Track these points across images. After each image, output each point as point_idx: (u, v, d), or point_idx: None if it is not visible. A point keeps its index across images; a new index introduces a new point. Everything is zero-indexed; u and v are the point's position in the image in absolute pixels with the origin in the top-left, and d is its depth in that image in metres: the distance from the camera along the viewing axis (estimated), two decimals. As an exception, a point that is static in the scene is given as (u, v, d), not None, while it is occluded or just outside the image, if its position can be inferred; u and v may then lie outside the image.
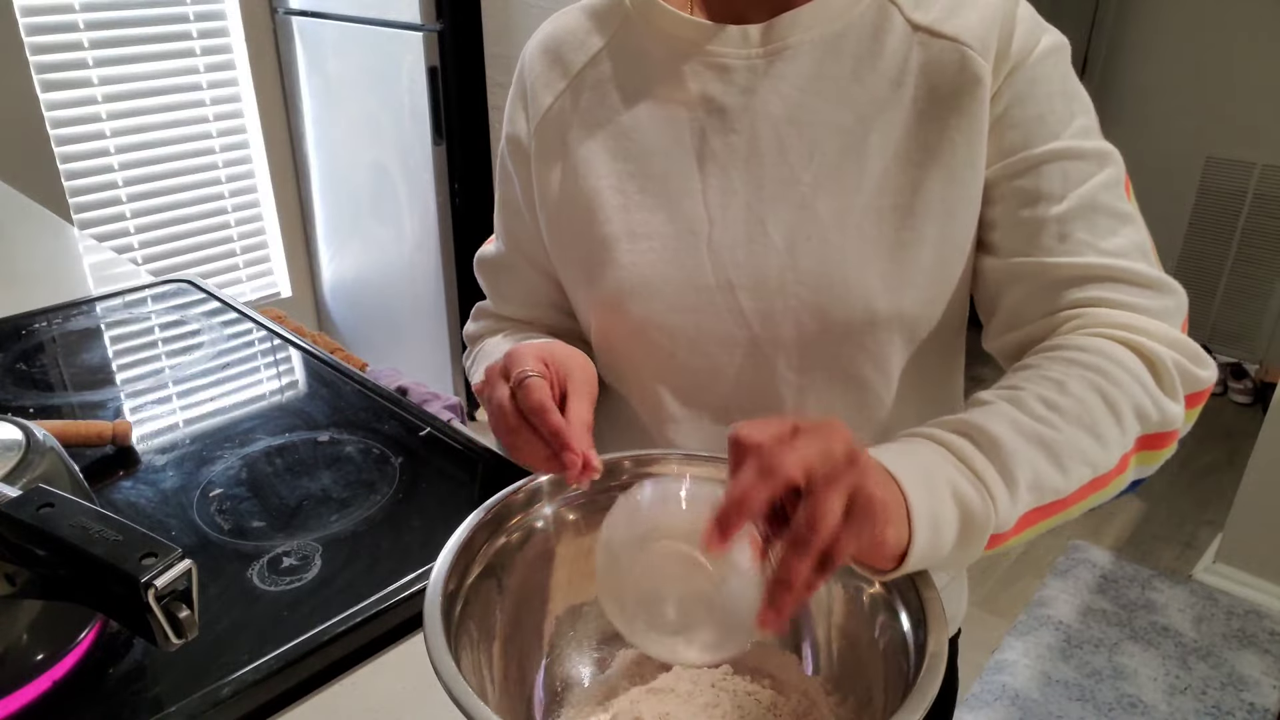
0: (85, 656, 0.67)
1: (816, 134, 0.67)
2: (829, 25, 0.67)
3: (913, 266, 0.66)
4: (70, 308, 1.26)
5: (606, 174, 0.72)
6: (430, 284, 2.55)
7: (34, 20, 2.33)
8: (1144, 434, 0.61)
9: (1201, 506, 2.55)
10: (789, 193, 0.67)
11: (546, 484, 0.63)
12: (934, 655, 0.49)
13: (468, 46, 2.26)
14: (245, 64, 2.70)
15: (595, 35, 0.74)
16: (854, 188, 0.66)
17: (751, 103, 0.68)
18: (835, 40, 0.67)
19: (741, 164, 0.69)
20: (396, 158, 2.48)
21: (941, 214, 0.66)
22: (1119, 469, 0.60)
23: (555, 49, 0.75)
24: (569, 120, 0.74)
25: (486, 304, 0.88)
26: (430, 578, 0.53)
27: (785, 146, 0.67)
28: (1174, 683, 1.94)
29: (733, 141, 0.69)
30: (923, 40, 0.66)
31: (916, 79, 0.66)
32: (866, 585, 0.58)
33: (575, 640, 0.63)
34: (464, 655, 0.51)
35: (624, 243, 0.71)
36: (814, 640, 0.62)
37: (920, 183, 0.66)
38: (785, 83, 0.68)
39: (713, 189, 0.69)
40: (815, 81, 0.67)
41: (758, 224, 0.68)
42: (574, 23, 0.76)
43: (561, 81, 0.75)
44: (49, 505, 0.52)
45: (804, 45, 0.67)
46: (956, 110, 0.65)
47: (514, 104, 0.79)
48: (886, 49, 0.67)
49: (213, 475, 0.90)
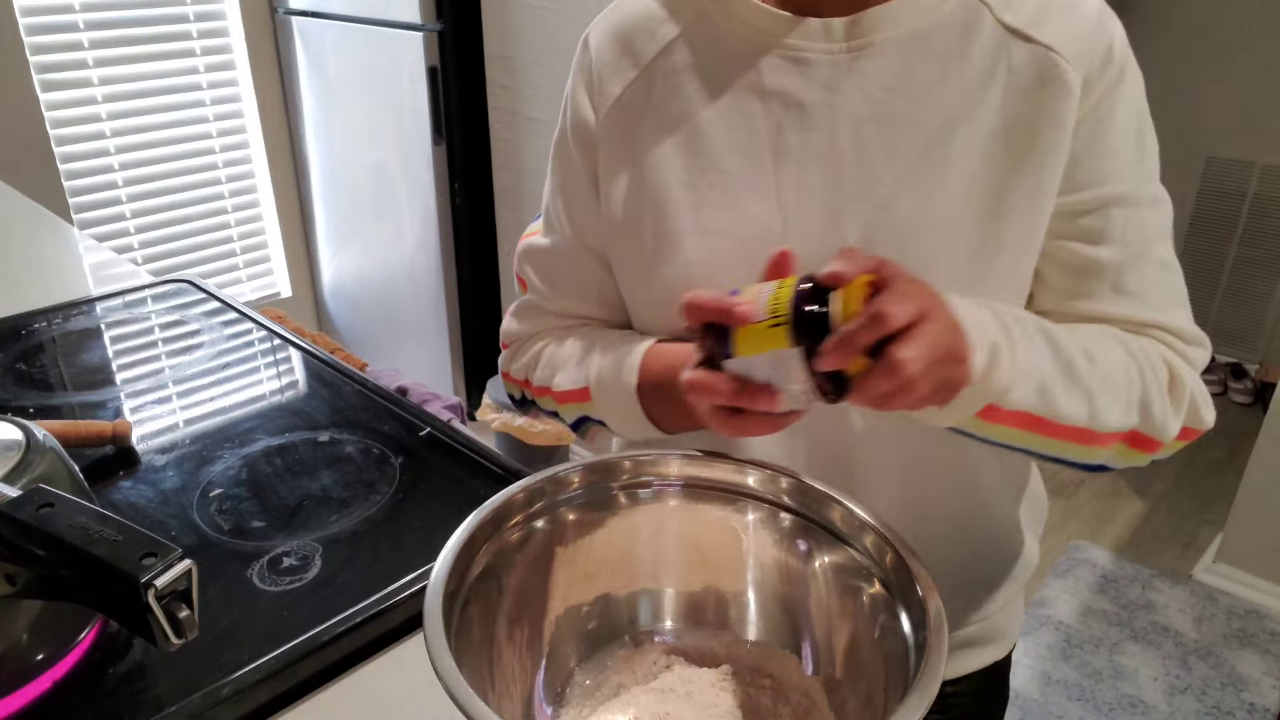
0: (85, 656, 0.66)
1: (900, 134, 0.65)
2: (916, 23, 0.65)
3: (990, 273, 0.66)
4: (70, 308, 1.26)
5: (677, 169, 0.70)
6: (430, 284, 2.55)
7: (34, 20, 2.33)
8: (1138, 429, 0.64)
9: (1202, 506, 2.55)
10: (868, 193, 0.65)
11: (547, 484, 0.63)
12: (933, 655, 0.49)
13: (468, 46, 2.26)
14: (245, 64, 2.70)
15: (669, 24, 0.71)
16: (936, 190, 0.65)
17: (833, 99, 0.66)
18: (922, 39, 0.65)
19: (819, 161, 0.66)
20: (396, 158, 2.48)
21: (1025, 226, 0.65)
22: (1105, 439, 0.63)
23: (626, 36, 0.72)
24: (640, 112, 0.71)
25: (532, 299, 0.83)
26: (430, 578, 0.53)
27: (866, 145, 0.65)
28: (1174, 683, 1.94)
29: (811, 138, 0.66)
30: (1014, 43, 0.64)
31: (1006, 82, 0.64)
32: (867, 585, 0.58)
33: (575, 640, 0.63)
34: (464, 655, 0.51)
35: (693, 238, 0.69)
36: (814, 640, 0.62)
37: (1005, 188, 0.64)
38: (870, 80, 0.65)
39: (788, 187, 0.67)
40: (901, 80, 0.65)
41: (833, 223, 0.66)
42: (646, 9, 0.73)
43: (632, 71, 0.72)
44: (49, 505, 0.52)
45: (890, 43, 0.65)
46: (1049, 120, 0.63)
47: (577, 90, 0.75)
48: (975, 50, 0.64)
49: (213, 475, 0.90)
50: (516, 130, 2.24)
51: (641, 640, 0.64)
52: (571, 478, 0.64)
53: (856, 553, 0.60)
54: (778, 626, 0.64)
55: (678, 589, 0.66)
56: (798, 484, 0.63)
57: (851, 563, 0.60)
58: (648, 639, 0.65)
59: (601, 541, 0.65)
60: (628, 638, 0.64)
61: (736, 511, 0.64)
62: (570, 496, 0.64)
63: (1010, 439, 0.63)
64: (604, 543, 0.65)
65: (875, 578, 0.58)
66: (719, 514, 0.65)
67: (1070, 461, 0.65)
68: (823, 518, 0.62)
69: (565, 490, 0.63)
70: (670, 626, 0.65)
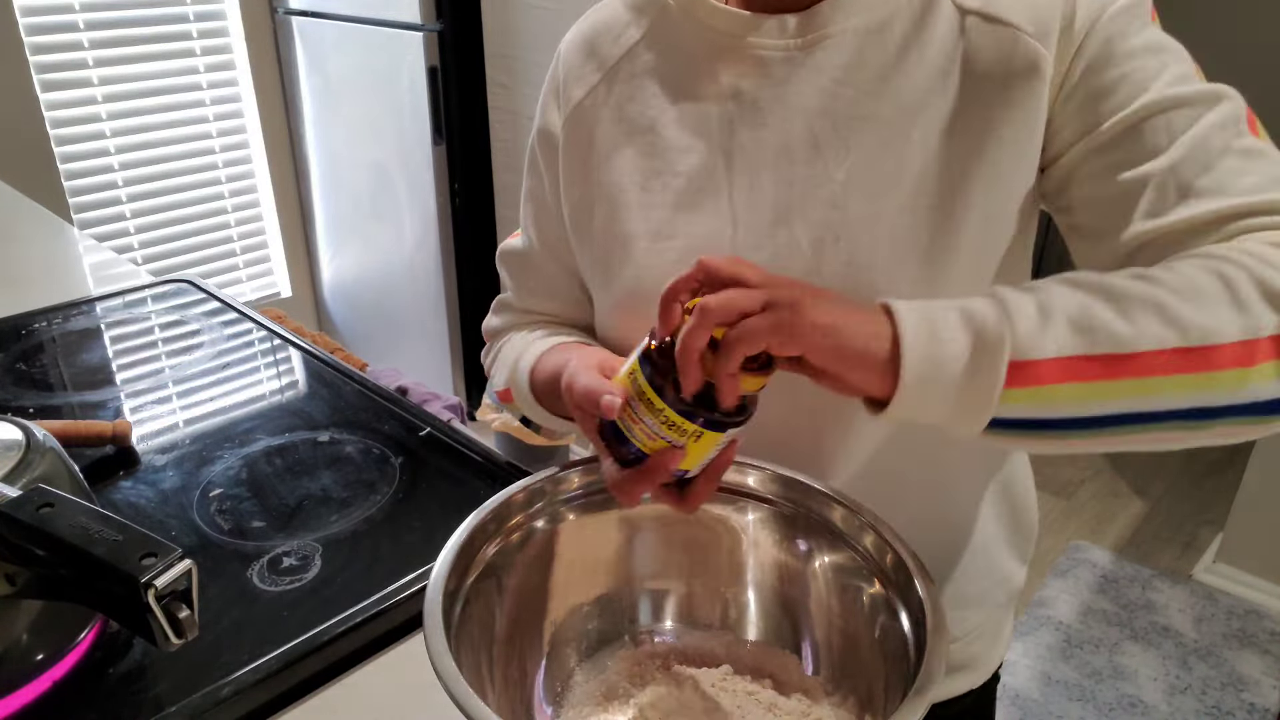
0: (85, 656, 0.67)
1: (853, 128, 0.62)
2: (873, 13, 0.62)
3: (945, 274, 0.62)
4: (70, 308, 1.26)
5: (632, 170, 0.69)
6: (430, 284, 2.55)
7: (34, 20, 2.33)
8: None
9: (1202, 506, 2.55)
10: (819, 191, 0.63)
11: (547, 484, 0.63)
12: (934, 655, 0.49)
13: (468, 46, 2.26)
14: (245, 64, 2.70)
15: (633, 27, 0.71)
16: (890, 186, 0.62)
17: (786, 95, 0.64)
18: (879, 28, 0.62)
19: (771, 161, 0.65)
20: (396, 158, 2.48)
21: (981, 219, 0.62)
22: (1237, 357, 0.49)
23: (591, 41, 0.73)
24: (600, 113, 0.71)
25: (508, 297, 0.86)
26: (430, 578, 0.53)
27: (819, 142, 0.63)
28: (1174, 683, 1.94)
29: (763, 137, 0.65)
30: (972, 25, 0.61)
31: (963, 68, 0.61)
32: (867, 585, 0.58)
33: (575, 640, 0.63)
34: (464, 655, 0.51)
35: (644, 241, 0.68)
36: (814, 640, 0.62)
37: (961, 184, 0.61)
38: (823, 74, 0.63)
39: (739, 187, 0.66)
40: (854, 72, 0.63)
41: (783, 225, 0.64)
42: (613, 15, 0.73)
43: (596, 75, 0.72)
44: (49, 505, 0.52)
45: (845, 34, 0.63)
46: (1005, 102, 0.60)
47: (547, 97, 0.76)
48: (934, 36, 0.61)
49: (213, 475, 0.90)
50: (516, 130, 2.24)
51: (641, 640, 0.64)
52: (571, 478, 0.64)
53: (856, 553, 0.59)
54: (778, 626, 0.64)
55: (677, 589, 0.66)
56: (798, 483, 0.63)
57: (851, 562, 0.60)
58: (648, 639, 0.65)
59: (601, 541, 0.65)
60: (628, 638, 0.64)
61: (737, 511, 0.65)
62: (570, 496, 0.64)
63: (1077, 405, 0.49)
64: (604, 542, 0.65)
65: (875, 577, 0.58)
66: (719, 514, 0.65)
67: (1224, 408, 0.49)
68: (823, 517, 0.62)
69: (565, 490, 0.63)
70: (670, 626, 0.65)
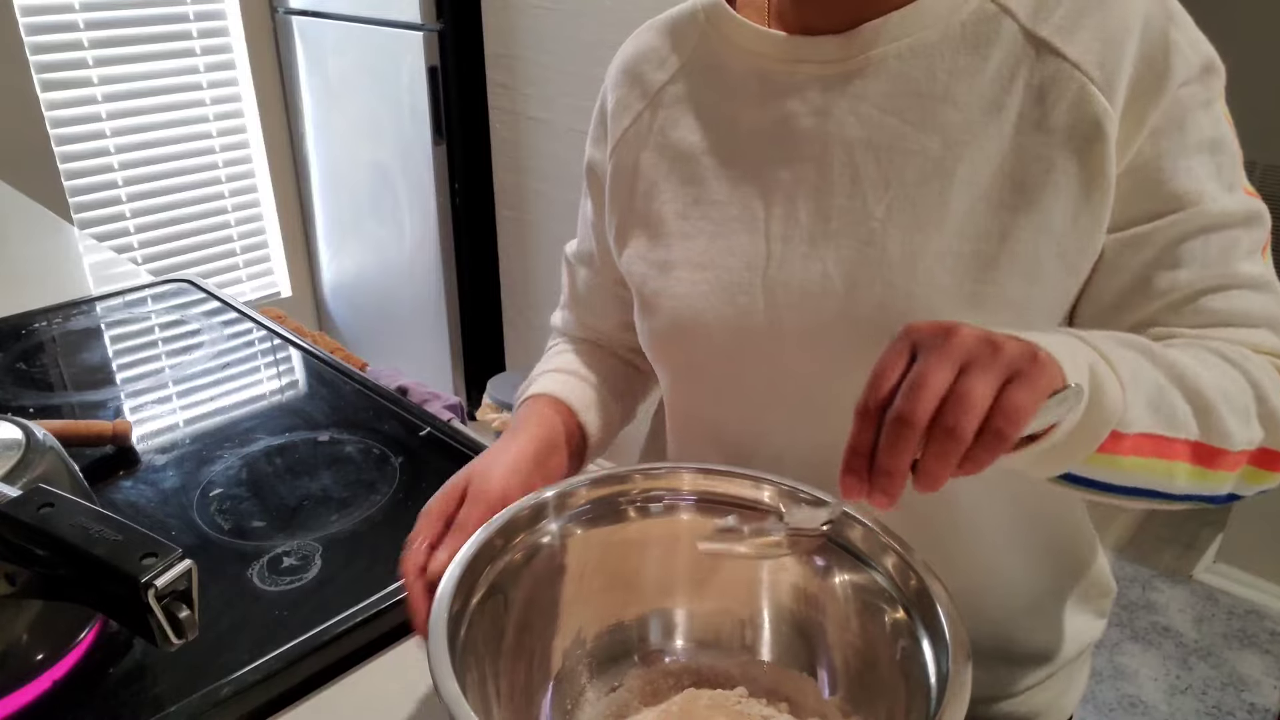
0: (85, 656, 0.66)
1: (896, 161, 0.59)
2: (922, 33, 0.58)
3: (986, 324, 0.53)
4: (70, 308, 1.26)
5: (672, 198, 0.68)
6: (430, 284, 2.55)
7: (34, 20, 2.32)
8: (1267, 445, 0.54)
9: (1202, 506, 2.55)
10: (857, 228, 0.60)
11: (553, 498, 0.61)
12: (957, 682, 0.46)
13: (468, 46, 2.26)
14: (245, 64, 2.70)
15: (674, 54, 0.70)
16: (932, 225, 0.58)
17: (825, 125, 0.61)
18: (928, 51, 0.58)
19: (809, 193, 0.62)
20: (396, 158, 2.48)
21: (1029, 270, 0.57)
22: (1235, 462, 0.53)
23: (635, 69, 0.72)
24: (644, 141, 0.70)
25: (565, 298, 0.87)
26: (435, 598, 0.52)
27: (859, 175, 0.60)
28: (1174, 683, 1.94)
29: (801, 169, 0.62)
30: (1037, 58, 0.56)
31: (1023, 103, 0.56)
32: (888, 608, 0.56)
33: (584, 659, 0.61)
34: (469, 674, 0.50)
35: (681, 270, 0.66)
36: (831, 662, 0.60)
37: (1010, 229, 0.56)
38: (865, 102, 0.59)
39: (776, 219, 0.63)
40: (898, 100, 0.59)
41: (818, 262, 0.61)
42: (653, 40, 0.71)
43: (640, 103, 0.71)
44: (49, 505, 0.52)
45: (889, 58, 0.59)
46: (1067, 151, 0.55)
47: (596, 127, 0.76)
48: (990, 63, 0.57)
49: (213, 475, 0.89)
50: (517, 130, 2.24)
51: (653, 659, 0.62)
52: (580, 492, 0.62)
53: (876, 573, 0.57)
54: (794, 647, 0.62)
55: (690, 607, 0.64)
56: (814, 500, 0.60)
57: (871, 583, 0.57)
58: (659, 658, 0.63)
59: (612, 558, 0.63)
60: (638, 657, 0.62)
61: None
62: (579, 512, 0.62)
63: (1132, 475, 0.51)
64: (615, 559, 0.63)
65: (895, 599, 0.55)
66: None
67: (1199, 496, 0.55)
68: (841, 536, 0.59)
69: (574, 505, 0.62)
70: (683, 646, 0.63)
